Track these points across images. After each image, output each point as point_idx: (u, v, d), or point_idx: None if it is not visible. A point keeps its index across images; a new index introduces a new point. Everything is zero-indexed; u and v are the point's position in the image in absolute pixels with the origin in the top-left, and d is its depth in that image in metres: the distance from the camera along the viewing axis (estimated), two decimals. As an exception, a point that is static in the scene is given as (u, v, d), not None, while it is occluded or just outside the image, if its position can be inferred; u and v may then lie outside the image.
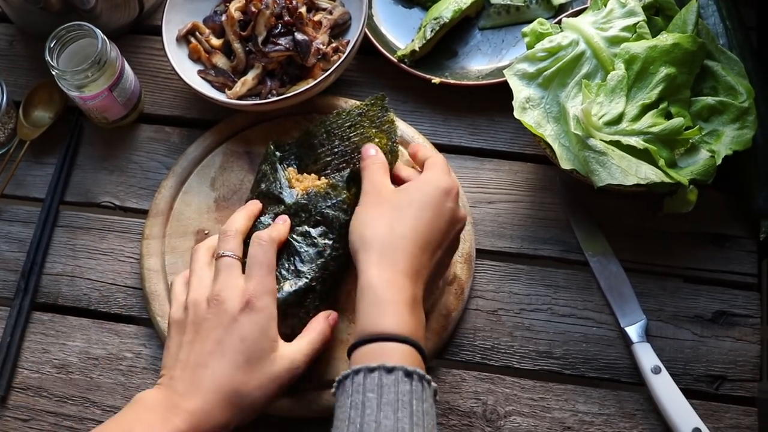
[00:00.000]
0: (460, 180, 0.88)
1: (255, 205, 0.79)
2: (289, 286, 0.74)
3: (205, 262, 0.75)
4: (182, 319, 0.71)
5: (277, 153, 0.83)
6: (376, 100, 0.82)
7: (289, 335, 0.72)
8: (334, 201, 0.76)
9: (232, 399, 0.66)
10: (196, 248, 0.77)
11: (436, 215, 0.70)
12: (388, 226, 0.68)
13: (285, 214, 0.77)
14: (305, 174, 0.81)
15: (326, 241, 0.75)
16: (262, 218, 0.78)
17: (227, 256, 0.73)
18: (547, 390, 0.79)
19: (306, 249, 0.75)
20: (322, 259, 0.75)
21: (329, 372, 0.77)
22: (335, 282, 0.77)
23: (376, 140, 0.79)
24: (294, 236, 0.76)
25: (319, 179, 0.80)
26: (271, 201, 0.79)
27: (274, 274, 0.72)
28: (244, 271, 0.72)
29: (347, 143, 0.80)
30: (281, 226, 0.76)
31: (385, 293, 0.65)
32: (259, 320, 0.69)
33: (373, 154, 0.76)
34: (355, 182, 0.77)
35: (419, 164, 0.77)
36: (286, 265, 0.75)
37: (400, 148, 0.82)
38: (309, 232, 0.76)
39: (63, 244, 0.89)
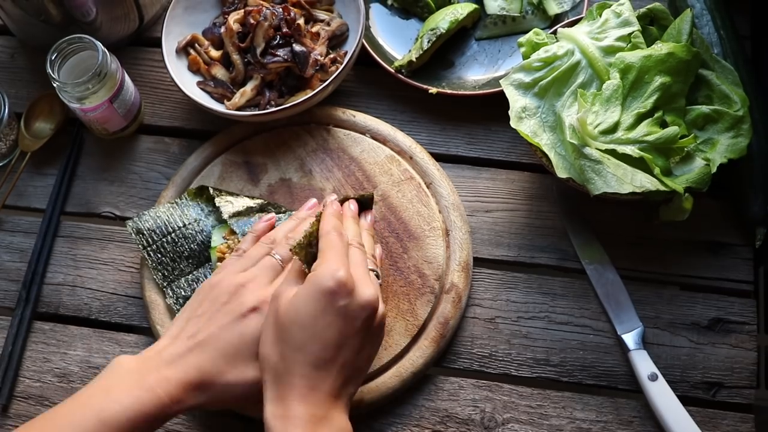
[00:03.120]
0: (457, 189, 0.88)
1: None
2: None
3: (261, 253, 0.74)
4: (205, 294, 0.72)
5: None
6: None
7: None
8: None
9: (206, 383, 0.67)
10: (268, 236, 0.76)
11: (326, 325, 0.65)
12: (278, 352, 0.65)
13: None
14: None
15: None
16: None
17: (276, 259, 0.73)
18: (545, 397, 0.80)
19: None
20: None
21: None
22: None
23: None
24: None
25: None
26: None
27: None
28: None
29: None
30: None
31: None
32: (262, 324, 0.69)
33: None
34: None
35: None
36: None
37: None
38: None
39: (64, 254, 0.89)
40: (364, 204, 0.80)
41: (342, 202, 0.78)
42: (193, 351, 0.68)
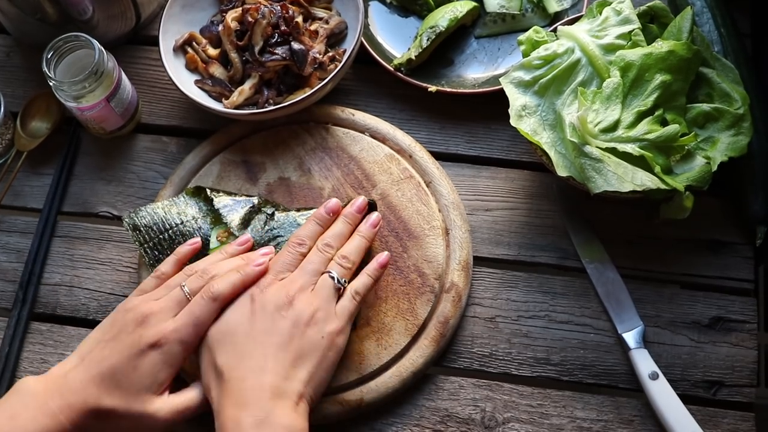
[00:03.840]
0: (457, 187, 0.88)
1: (246, 257, 0.77)
2: None
3: (176, 282, 0.74)
4: (119, 317, 0.72)
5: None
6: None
7: None
8: None
9: (102, 414, 0.68)
10: (191, 267, 0.76)
11: (248, 325, 0.71)
12: (209, 365, 0.71)
13: None
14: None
15: None
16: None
17: (184, 292, 0.72)
18: (545, 396, 0.79)
19: None
20: None
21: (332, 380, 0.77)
22: None
23: None
24: None
25: None
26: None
27: (202, 332, 0.71)
28: None
29: None
30: (237, 279, 0.73)
31: None
32: (157, 361, 0.69)
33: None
34: None
35: None
36: None
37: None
38: None
39: (61, 254, 0.89)
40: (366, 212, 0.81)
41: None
42: (94, 380, 0.69)
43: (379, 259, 0.77)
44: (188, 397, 0.71)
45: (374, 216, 0.79)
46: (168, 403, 0.70)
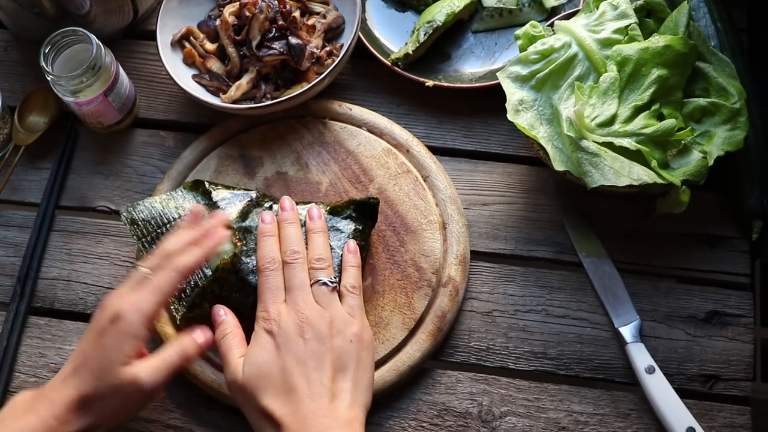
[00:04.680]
0: (454, 182, 0.88)
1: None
2: None
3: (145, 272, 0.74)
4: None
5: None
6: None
7: None
8: None
9: (84, 402, 0.67)
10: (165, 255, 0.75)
11: (281, 362, 0.69)
12: (255, 410, 0.70)
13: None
14: None
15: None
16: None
17: (142, 272, 0.72)
18: (542, 390, 0.80)
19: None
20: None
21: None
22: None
23: None
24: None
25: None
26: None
27: (162, 300, 0.71)
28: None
29: None
30: (199, 253, 0.74)
31: None
32: (117, 334, 0.68)
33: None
34: None
35: None
36: None
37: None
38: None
39: (59, 248, 0.89)
40: (367, 209, 0.80)
41: (343, 206, 0.80)
42: (71, 372, 0.69)
43: (348, 248, 0.77)
44: (164, 356, 0.71)
45: (313, 208, 0.79)
46: (144, 367, 0.69)
